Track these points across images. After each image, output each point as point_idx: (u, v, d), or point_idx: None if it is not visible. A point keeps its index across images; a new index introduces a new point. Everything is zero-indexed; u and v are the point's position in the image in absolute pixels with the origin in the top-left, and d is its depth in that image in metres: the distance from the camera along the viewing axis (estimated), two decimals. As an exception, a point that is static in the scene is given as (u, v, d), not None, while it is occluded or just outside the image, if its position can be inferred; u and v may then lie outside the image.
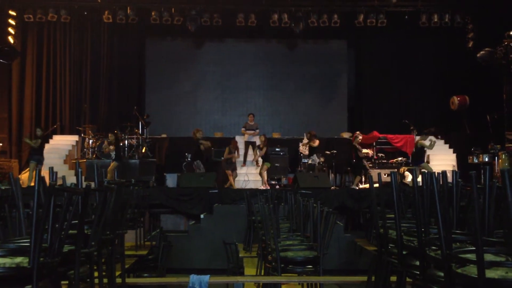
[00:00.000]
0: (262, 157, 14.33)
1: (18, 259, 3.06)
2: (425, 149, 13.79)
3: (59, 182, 5.32)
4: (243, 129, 15.68)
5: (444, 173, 3.61)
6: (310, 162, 14.36)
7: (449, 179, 4.47)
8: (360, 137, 14.83)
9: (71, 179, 11.31)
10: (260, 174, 14.12)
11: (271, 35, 18.59)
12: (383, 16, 16.72)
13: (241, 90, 19.16)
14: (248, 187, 13.77)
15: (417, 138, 14.75)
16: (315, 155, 14.48)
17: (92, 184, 4.93)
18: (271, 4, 16.86)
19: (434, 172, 3.51)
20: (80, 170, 5.06)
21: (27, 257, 3.00)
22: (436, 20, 16.87)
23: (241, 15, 16.77)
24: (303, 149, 15.45)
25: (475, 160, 14.11)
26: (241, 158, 15.48)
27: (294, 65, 19.17)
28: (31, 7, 16.61)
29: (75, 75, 18.03)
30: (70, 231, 3.56)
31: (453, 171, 4.48)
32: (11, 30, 16.55)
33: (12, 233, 4.41)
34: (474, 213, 2.68)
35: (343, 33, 18.48)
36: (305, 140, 15.00)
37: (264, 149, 14.16)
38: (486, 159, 13.84)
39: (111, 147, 13.77)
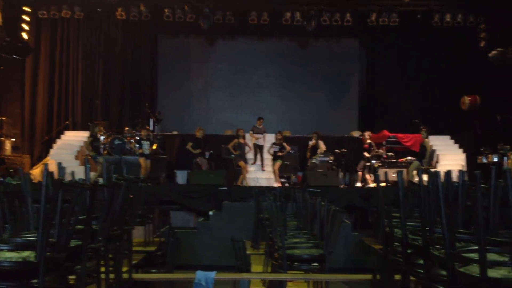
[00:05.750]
0: (274, 155, 14.48)
1: (25, 254, 3.11)
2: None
3: (69, 177, 5.38)
4: (251, 132, 15.66)
5: (448, 172, 3.61)
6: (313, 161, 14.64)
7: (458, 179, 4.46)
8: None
9: (83, 175, 11.40)
10: (274, 171, 14.24)
11: (283, 33, 18.50)
12: (396, 15, 16.59)
13: (253, 88, 19.13)
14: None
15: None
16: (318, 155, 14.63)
17: (101, 180, 4.98)
18: (283, 3, 16.82)
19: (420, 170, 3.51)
20: (89, 166, 5.11)
21: (34, 252, 3.03)
22: (448, 19, 16.68)
23: (254, 13, 16.76)
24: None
25: (484, 160, 14.03)
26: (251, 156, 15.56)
27: (306, 63, 19.10)
28: (45, 3, 16.70)
29: (88, 72, 18.12)
30: (78, 226, 3.60)
31: (460, 170, 4.47)
32: (25, 26, 16.65)
33: (21, 228, 4.47)
34: (477, 212, 2.68)
35: (355, 32, 18.36)
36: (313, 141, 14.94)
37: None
38: (495, 159, 13.75)
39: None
